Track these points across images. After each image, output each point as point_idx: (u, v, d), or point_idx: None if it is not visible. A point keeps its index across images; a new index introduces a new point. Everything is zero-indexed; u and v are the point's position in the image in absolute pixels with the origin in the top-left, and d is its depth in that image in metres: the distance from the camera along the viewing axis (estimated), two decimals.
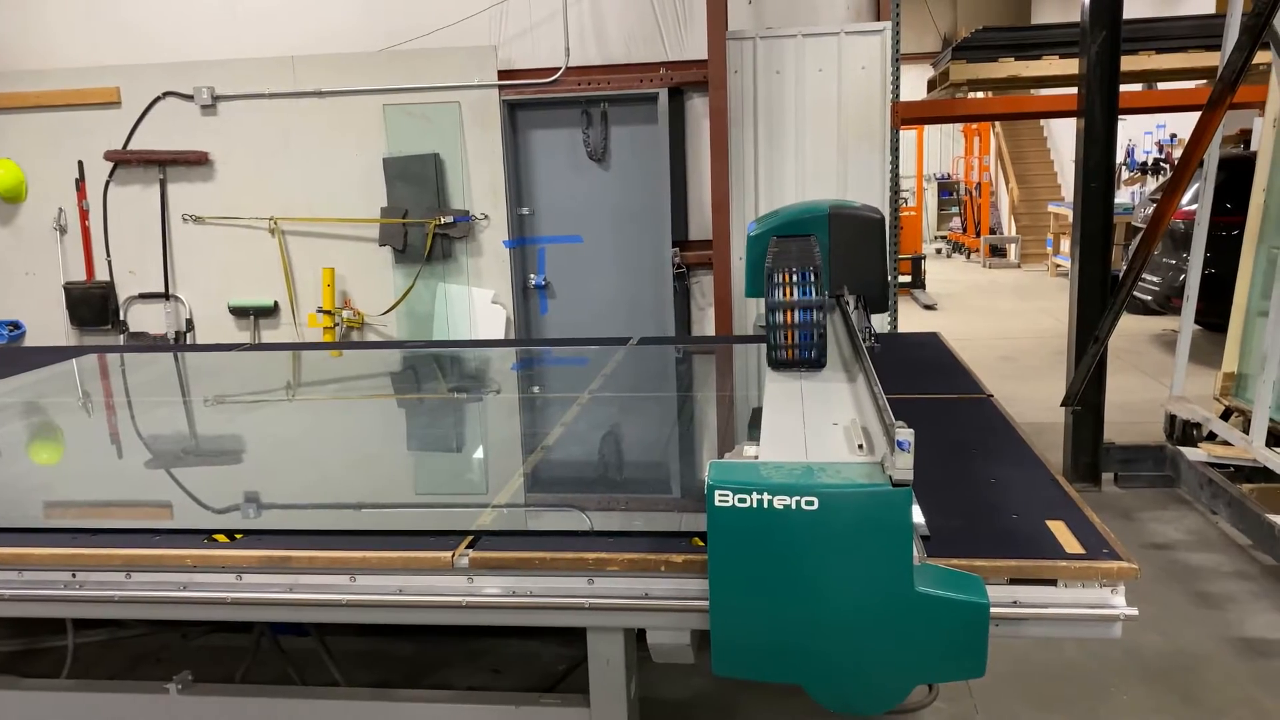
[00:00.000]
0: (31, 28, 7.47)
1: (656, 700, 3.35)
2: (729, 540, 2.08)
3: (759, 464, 2.17)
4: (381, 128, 7.14)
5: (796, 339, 2.85)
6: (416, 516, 2.83)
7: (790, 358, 2.89)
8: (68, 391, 4.90)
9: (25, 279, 7.56)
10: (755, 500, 2.02)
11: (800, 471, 2.12)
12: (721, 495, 2.03)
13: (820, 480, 2.05)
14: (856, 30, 6.69)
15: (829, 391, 2.77)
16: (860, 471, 2.09)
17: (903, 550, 2.04)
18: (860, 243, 4.19)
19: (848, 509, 2.02)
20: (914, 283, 14.58)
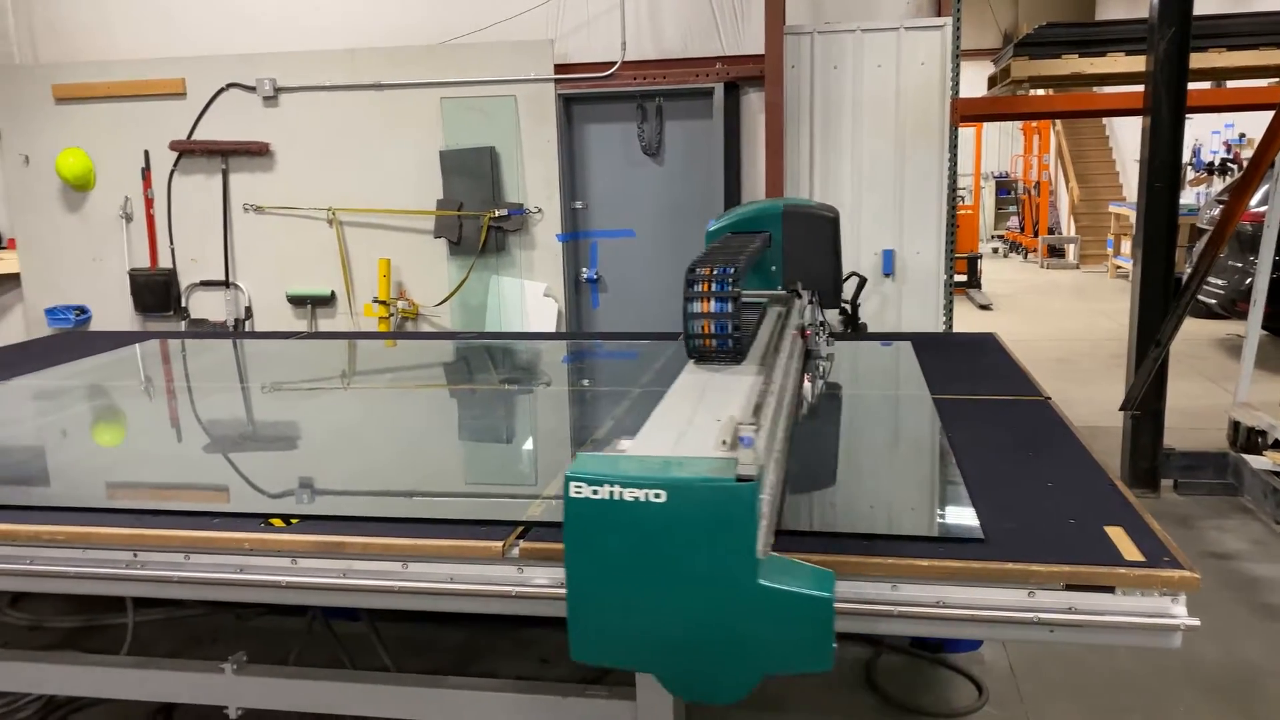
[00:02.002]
0: (102, 19, 7.64)
1: None
2: (583, 530, 2.11)
3: (619, 457, 2.19)
4: (438, 120, 7.20)
5: (712, 329, 2.86)
6: (468, 506, 2.85)
7: (706, 348, 2.91)
8: (130, 376, 5.02)
9: (92, 265, 7.75)
10: (608, 492, 2.06)
11: (654, 465, 2.14)
12: (576, 486, 2.07)
13: (669, 474, 2.08)
14: (917, 25, 6.60)
15: (735, 385, 2.75)
16: (711, 466, 2.10)
17: (746, 543, 2.06)
18: (813, 240, 4.33)
19: (694, 502, 2.04)
20: (970, 282, 14.37)
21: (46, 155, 7.59)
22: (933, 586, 2.24)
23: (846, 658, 3.70)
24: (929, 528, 2.57)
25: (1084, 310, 12.95)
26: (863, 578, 2.27)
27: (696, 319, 2.85)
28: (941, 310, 6.79)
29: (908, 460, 3.31)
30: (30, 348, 5.85)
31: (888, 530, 2.48)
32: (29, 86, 7.58)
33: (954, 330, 6.87)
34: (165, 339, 5.80)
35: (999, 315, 12.80)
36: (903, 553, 2.29)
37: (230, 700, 2.93)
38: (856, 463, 3.28)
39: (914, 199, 6.73)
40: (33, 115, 7.60)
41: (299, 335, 6.06)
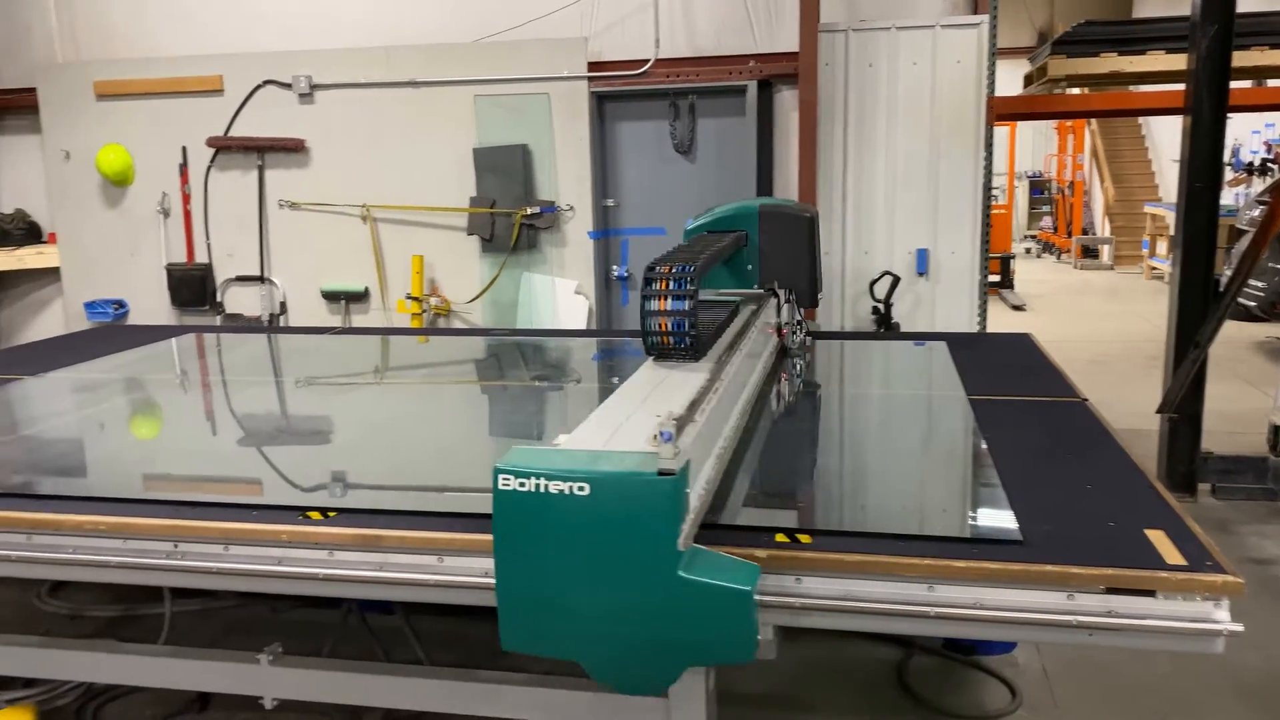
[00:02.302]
0: (142, 17, 7.73)
1: (733, 694, 3.34)
2: (511, 521, 2.18)
3: (548, 451, 2.26)
4: (472, 118, 7.22)
5: (669, 327, 2.91)
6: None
7: (664, 346, 2.96)
8: (167, 369, 5.08)
9: (130, 260, 7.84)
10: (534, 485, 2.13)
11: (581, 459, 2.20)
12: (504, 479, 2.14)
13: (593, 467, 2.14)
14: (953, 23, 6.55)
15: (685, 382, 2.77)
16: (635, 460, 2.16)
17: (667, 536, 2.12)
18: (789, 240, 4.39)
19: (615, 495, 2.10)
20: (1002, 282, 14.25)
21: (87, 151, 7.69)
22: (970, 588, 2.23)
23: (878, 659, 3.68)
24: (966, 529, 2.55)
25: (1118, 312, 12.81)
26: (899, 578, 2.26)
27: (653, 317, 2.90)
28: (976, 310, 6.74)
29: (944, 461, 3.29)
30: (70, 341, 5.94)
31: (924, 531, 2.47)
32: (71, 83, 7.69)
33: (988, 331, 6.81)
34: (201, 333, 5.87)
35: (1032, 316, 12.69)
36: (939, 554, 2.28)
37: (266, 690, 2.96)
38: (892, 463, 3.26)
39: (948, 198, 6.68)
40: (74, 112, 7.71)
41: (333, 331, 6.11)
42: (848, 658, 3.70)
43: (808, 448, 3.40)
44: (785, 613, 2.32)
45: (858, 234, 6.83)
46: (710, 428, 2.66)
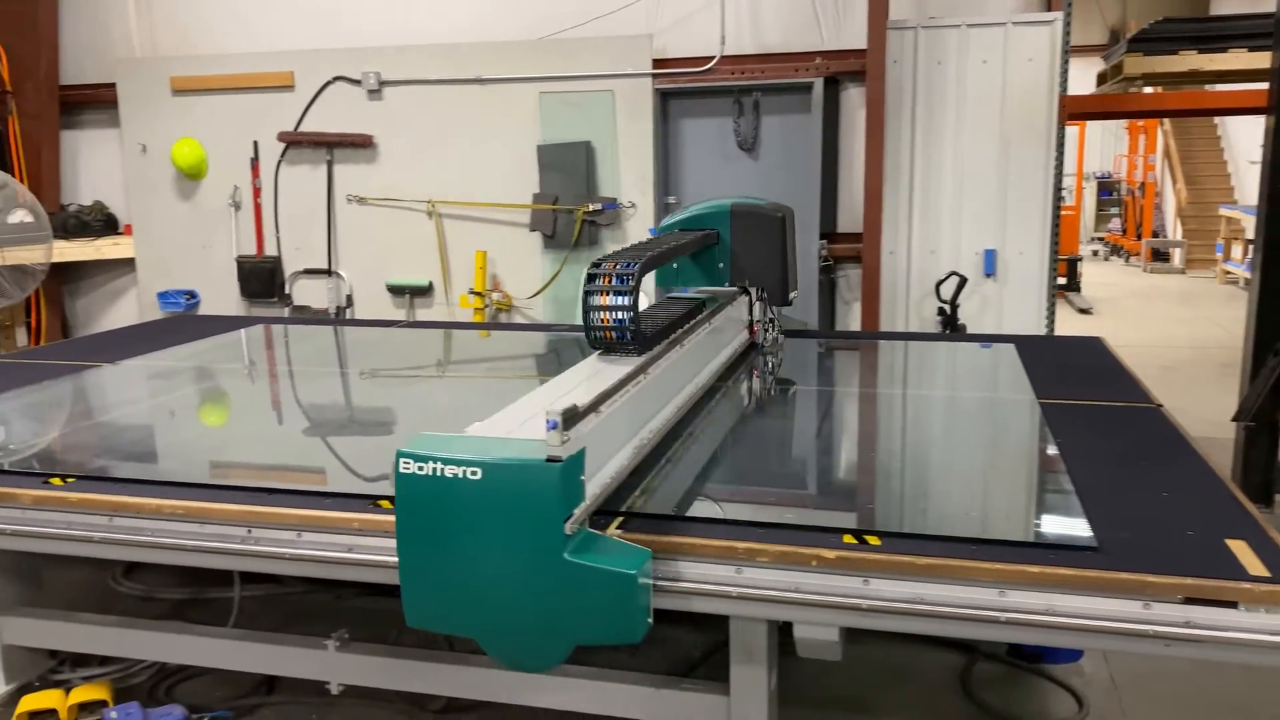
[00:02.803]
0: (217, 14, 7.91)
1: (793, 695, 3.32)
2: (410, 504, 2.29)
3: (450, 437, 2.35)
4: (536, 115, 7.27)
5: (611, 322, 2.97)
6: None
7: (606, 340, 3.02)
8: (236, 359, 5.19)
9: (202, 252, 8.03)
10: (431, 469, 2.24)
11: (478, 445, 2.31)
12: (405, 463, 2.26)
13: (486, 454, 2.24)
14: (1025, 21, 6.44)
15: (614, 375, 2.81)
16: (526, 448, 2.26)
17: (552, 519, 2.21)
18: (760, 238, 4.44)
19: (504, 480, 2.21)
20: (1069, 285, 13.98)
21: (163, 145, 7.89)
22: (1043, 594, 2.19)
23: (941, 664, 3.63)
24: (1039, 534, 2.50)
25: (1190, 317, 12.48)
26: (969, 582, 2.23)
27: (595, 311, 2.96)
28: (1044, 313, 6.62)
29: (1014, 464, 3.24)
30: (144, 330, 6.10)
31: (995, 535, 2.42)
32: (148, 79, 7.89)
33: (1055, 334, 6.68)
34: (269, 324, 5.98)
35: (1099, 320, 12.42)
36: (1011, 558, 2.24)
37: (332, 676, 3.02)
38: (961, 466, 3.22)
39: (1017, 198, 6.57)
40: (151, 106, 7.91)
41: (397, 324, 6.19)
42: (909, 661, 3.65)
43: (824, 445, 3.37)
44: (853, 614, 2.30)
45: (924, 234, 6.75)
46: (624, 419, 2.74)
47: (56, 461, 3.26)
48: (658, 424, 3.05)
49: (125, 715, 3.08)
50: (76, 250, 7.93)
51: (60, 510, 2.87)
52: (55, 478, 2.98)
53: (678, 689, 2.79)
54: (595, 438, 2.45)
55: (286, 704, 3.40)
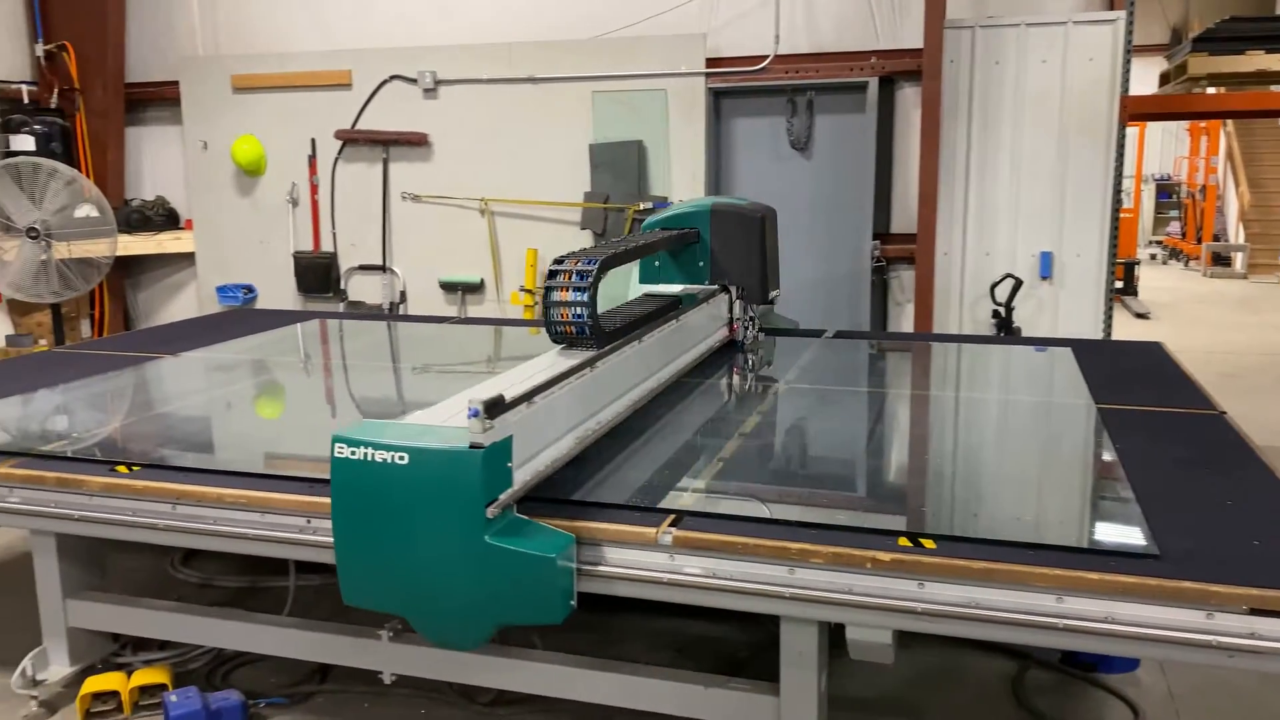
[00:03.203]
0: (277, 14, 8.04)
1: (844, 697, 3.31)
2: (344, 487, 2.41)
3: (384, 423, 2.49)
4: (589, 114, 7.29)
5: (570, 317, 3.06)
6: (618, 491, 2.88)
7: (566, 334, 3.10)
8: (292, 353, 5.28)
9: (260, 247, 8.17)
10: (363, 454, 2.36)
11: (409, 431, 2.43)
12: (339, 448, 2.39)
13: (414, 440, 2.36)
14: (1086, 20, 6.33)
15: (557, 368, 2.93)
16: (451, 435, 2.37)
17: (474, 503, 2.32)
18: (739, 238, 4.54)
19: (429, 465, 2.33)
20: (1126, 289, 13.72)
21: (223, 142, 8.04)
22: (1102, 601, 2.16)
23: (993, 670, 3.59)
24: (1098, 540, 2.47)
25: (1253, 323, 12.19)
26: (1026, 587, 2.21)
27: (555, 307, 3.06)
28: (1101, 317, 6.50)
29: (1072, 469, 3.19)
30: (203, 323, 6.23)
31: (1052, 540, 2.39)
32: (210, 77, 8.05)
33: (1112, 338, 6.57)
34: (324, 319, 6.07)
35: (1157, 324, 12.18)
36: (1069, 564, 2.22)
37: (385, 665, 3.06)
38: (1016, 470, 3.18)
39: (1076, 200, 6.46)
40: (212, 104, 8.06)
41: (450, 320, 6.26)
42: (961, 667, 3.62)
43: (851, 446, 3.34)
44: (907, 617, 2.29)
45: (979, 235, 6.66)
46: (565, 410, 2.86)
47: (122, 450, 3.34)
48: (608, 415, 3.17)
49: (184, 699, 3.15)
50: (139, 244, 8.11)
51: (126, 497, 2.94)
52: (121, 466, 3.06)
53: (726, 688, 2.79)
54: (527, 427, 2.56)
55: (339, 693, 3.45)
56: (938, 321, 6.67)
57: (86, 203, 6.49)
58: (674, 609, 3.25)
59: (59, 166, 6.40)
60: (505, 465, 2.41)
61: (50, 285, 6.43)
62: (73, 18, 8.09)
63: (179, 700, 3.14)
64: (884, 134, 6.86)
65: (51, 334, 7.32)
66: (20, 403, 4.02)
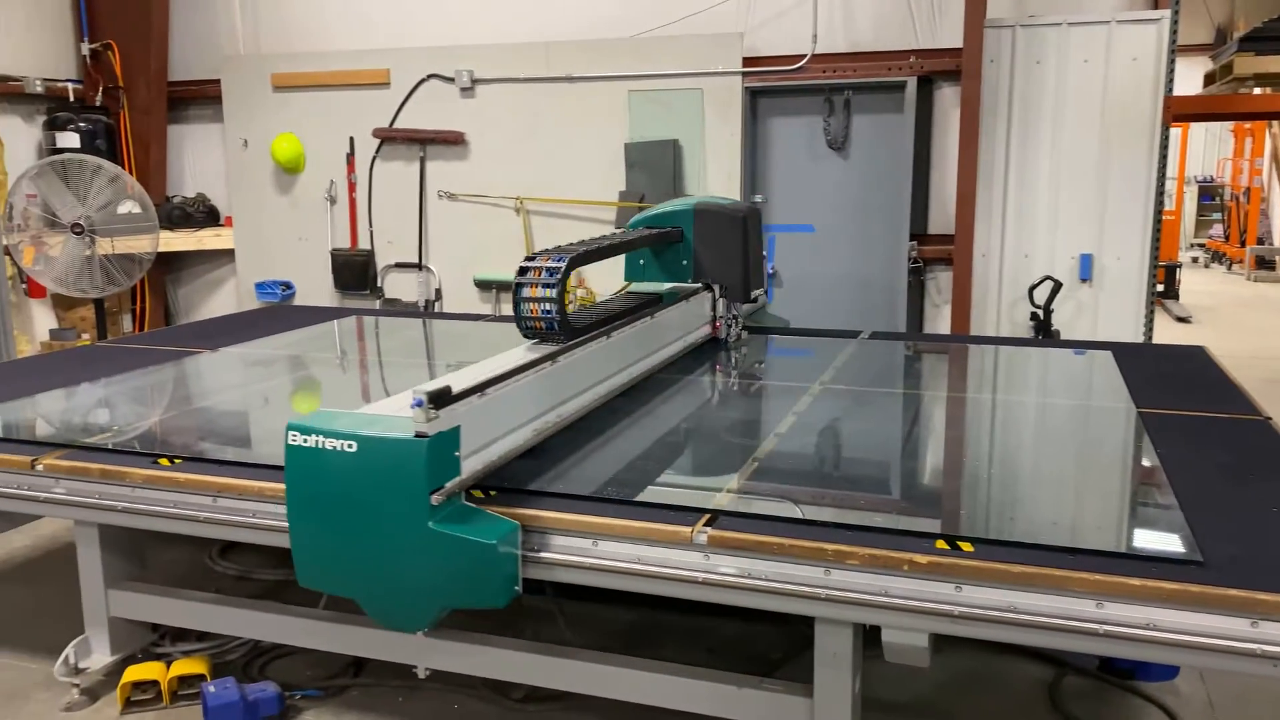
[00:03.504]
0: (317, 13, 8.12)
1: (878, 701, 3.29)
2: (297, 472, 2.51)
3: (336, 413, 2.57)
4: (625, 113, 7.30)
5: (539, 313, 3.13)
6: (655, 490, 2.88)
7: (536, 329, 3.18)
8: (329, 349, 5.33)
9: (298, 244, 8.25)
10: (315, 441, 2.46)
11: (360, 420, 2.52)
12: (293, 435, 2.49)
13: (361, 428, 2.45)
14: (1130, 19, 6.25)
15: (517, 360, 3.02)
16: (398, 424, 2.45)
17: (418, 491, 2.40)
18: (722, 237, 4.60)
19: (376, 453, 2.42)
20: (1167, 292, 13.51)
21: (263, 139, 8.13)
22: (1143, 607, 2.13)
23: (1028, 676, 3.55)
24: (1139, 546, 2.43)
25: None
26: (1066, 592, 2.19)
27: (524, 303, 3.14)
28: (1142, 320, 6.42)
29: (1112, 473, 3.15)
30: (242, 319, 6.30)
31: (1093, 545, 2.36)
32: (251, 75, 8.14)
33: (1153, 342, 6.48)
34: (361, 316, 6.12)
35: (1198, 329, 11.99)
36: (1110, 569, 2.19)
37: (419, 660, 3.07)
38: (1055, 473, 3.14)
39: (1117, 202, 6.38)
40: (253, 102, 8.16)
41: (485, 318, 6.28)
42: (995, 672, 3.58)
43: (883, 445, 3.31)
44: (944, 620, 2.27)
45: (1018, 237, 6.60)
46: (523, 403, 2.96)
47: (164, 443, 3.39)
48: (571, 409, 3.24)
49: (222, 689, 3.19)
50: (180, 240, 8.22)
51: (168, 490, 2.99)
52: (164, 459, 3.10)
53: (759, 688, 2.78)
54: (478, 418, 2.67)
55: (373, 686, 3.48)
56: (975, 323, 6.61)
57: (129, 199, 6.59)
58: (707, 608, 3.25)
59: (103, 163, 6.50)
60: (453, 454, 2.50)
61: (94, 280, 6.53)
62: (118, 17, 8.22)
63: (217, 691, 3.18)
64: (922, 134, 6.81)
65: (94, 328, 7.43)
66: (64, 396, 4.09)
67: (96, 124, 8.08)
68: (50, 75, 8.11)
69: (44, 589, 4.32)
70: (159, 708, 3.34)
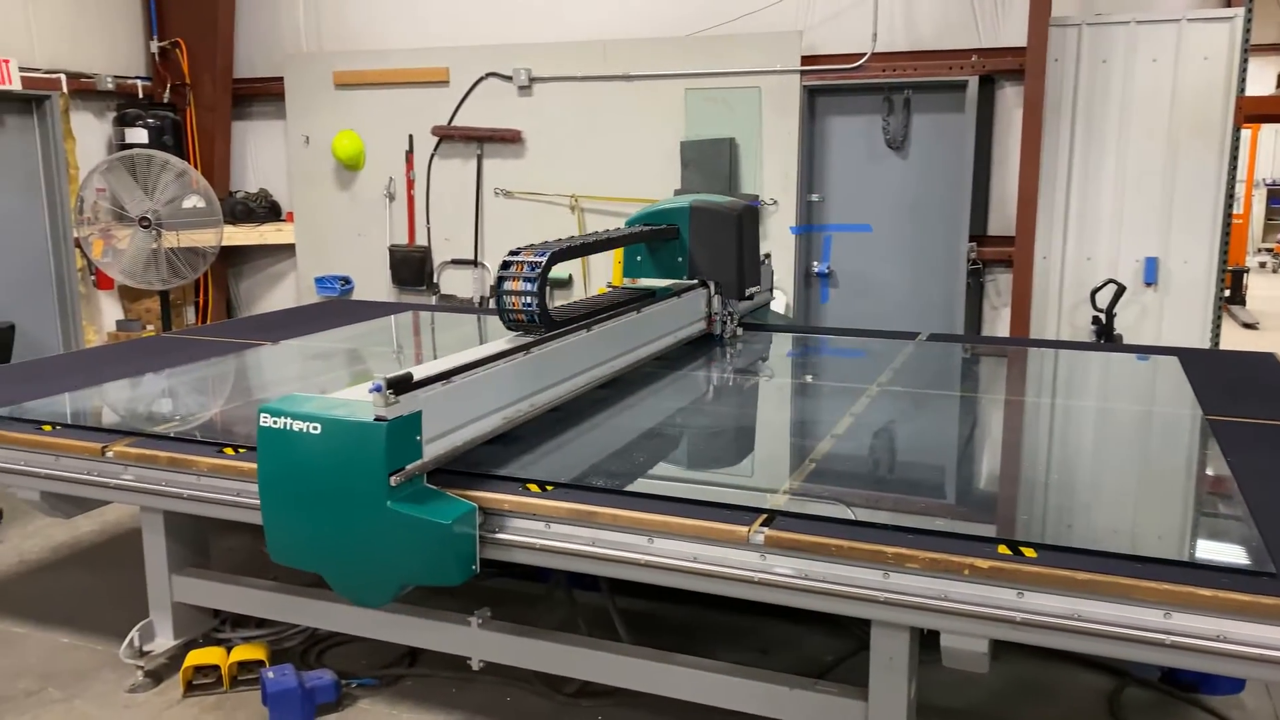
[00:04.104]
0: (379, 11, 8.22)
1: (935, 707, 3.25)
2: (268, 454, 2.64)
3: (308, 397, 2.70)
4: (682, 111, 7.29)
5: (521, 306, 3.20)
6: (713, 489, 2.87)
7: (518, 321, 3.24)
8: (385, 343, 5.39)
9: (357, 239, 8.37)
10: (283, 423, 2.59)
11: (327, 404, 2.65)
12: (264, 417, 2.62)
13: (325, 412, 2.57)
14: (1201, 17, 6.10)
15: (489, 350, 3.11)
16: (360, 408, 2.57)
17: (377, 471, 2.51)
18: (717, 235, 4.68)
19: (337, 435, 2.54)
20: (1233, 298, 13.18)
21: (324, 136, 8.26)
22: (1213, 619, 2.08)
23: (1088, 686, 3.49)
24: (1209, 556, 2.37)
25: None
26: (1132, 601, 2.14)
27: (507, 296, 3.22)
28: (1209, 326, 6.27)
29: (1180, 481, 3.08)
30: (302, 313, 6.40)
31: (1160, 554, 2.31)
32: (313, 73, 8.27)
33: (1220, 348, 6.32)
34: (417, 311, 6.19)
35: (1266, 335, 11.68)
36: (1178, 579, 2.14)
37: (474, 652, 3.10)
38: (1119, 480, 3.09)
39: (1185, 204, 6.24)
40: (315, 99, 8.28)
41: None
42: (1053, 680, 3.52)
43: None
44: (1005, 626, 2.24)
45: (1080, 239, 6.49)
46: (490, 390, 3.03)
47: (228, 433, 3.46)
48: (546, 399, 3.35)
49: (281, 675, 3.24)
50: (242, 235, 8.38)
51: (233, 479, 3.04)
52: (228, 448, 3.16)
53: (812, 690, 2.76)
54: (442, 404, 2.76)
55: (427, 677, 3.52)
56: (1035, 327, 6.51)
57: (195, 194, 6.73)
58: (758, 608, 3.24)
59: (170, 159, 6.65)
60: (414, 438, 2.61)
61: (160, 273, 6.68)
62: (186, 16, 8.39)
63: (276, 677, 3.24)
64: (983, 134, 6.71)
65: (159, 320, 7.61)
66: (130, 385, 4.18)
67: (164, 120, 8.26)
68: (121, 73, 8.32)
69: (110, 573, 4.43)
70: (219, 692, 3.41)
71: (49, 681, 3.53)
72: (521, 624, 3.15)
